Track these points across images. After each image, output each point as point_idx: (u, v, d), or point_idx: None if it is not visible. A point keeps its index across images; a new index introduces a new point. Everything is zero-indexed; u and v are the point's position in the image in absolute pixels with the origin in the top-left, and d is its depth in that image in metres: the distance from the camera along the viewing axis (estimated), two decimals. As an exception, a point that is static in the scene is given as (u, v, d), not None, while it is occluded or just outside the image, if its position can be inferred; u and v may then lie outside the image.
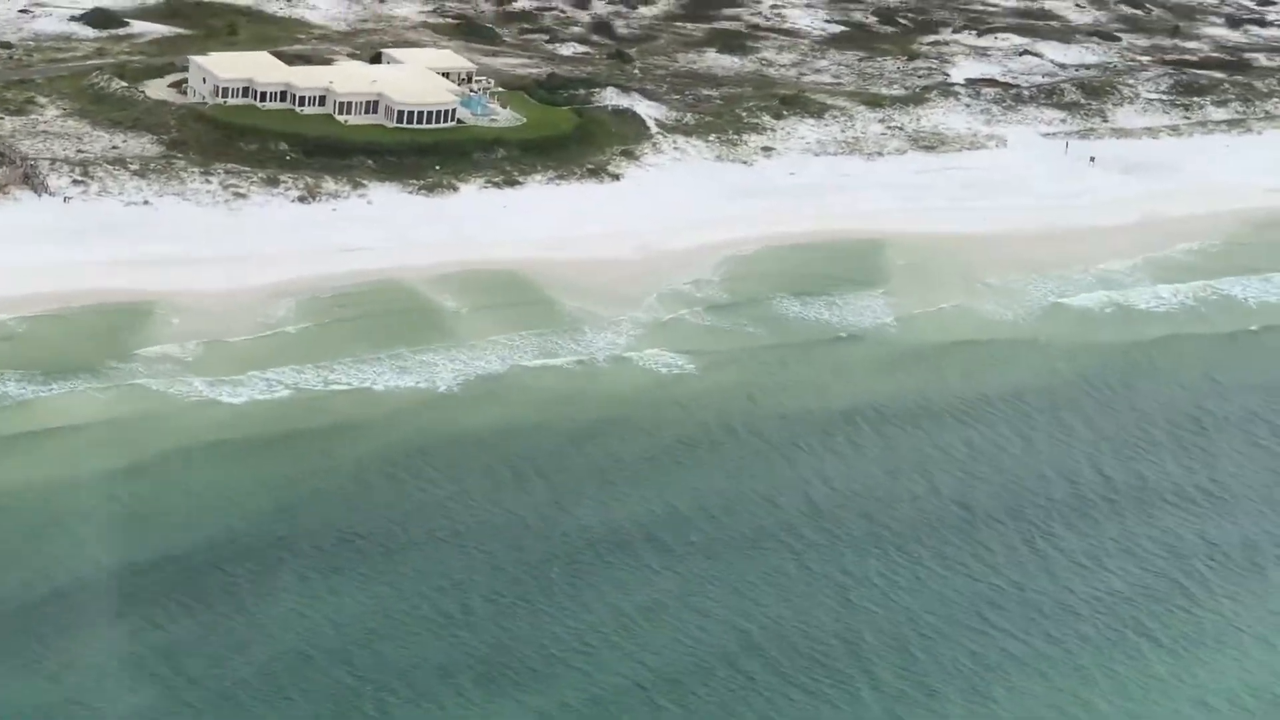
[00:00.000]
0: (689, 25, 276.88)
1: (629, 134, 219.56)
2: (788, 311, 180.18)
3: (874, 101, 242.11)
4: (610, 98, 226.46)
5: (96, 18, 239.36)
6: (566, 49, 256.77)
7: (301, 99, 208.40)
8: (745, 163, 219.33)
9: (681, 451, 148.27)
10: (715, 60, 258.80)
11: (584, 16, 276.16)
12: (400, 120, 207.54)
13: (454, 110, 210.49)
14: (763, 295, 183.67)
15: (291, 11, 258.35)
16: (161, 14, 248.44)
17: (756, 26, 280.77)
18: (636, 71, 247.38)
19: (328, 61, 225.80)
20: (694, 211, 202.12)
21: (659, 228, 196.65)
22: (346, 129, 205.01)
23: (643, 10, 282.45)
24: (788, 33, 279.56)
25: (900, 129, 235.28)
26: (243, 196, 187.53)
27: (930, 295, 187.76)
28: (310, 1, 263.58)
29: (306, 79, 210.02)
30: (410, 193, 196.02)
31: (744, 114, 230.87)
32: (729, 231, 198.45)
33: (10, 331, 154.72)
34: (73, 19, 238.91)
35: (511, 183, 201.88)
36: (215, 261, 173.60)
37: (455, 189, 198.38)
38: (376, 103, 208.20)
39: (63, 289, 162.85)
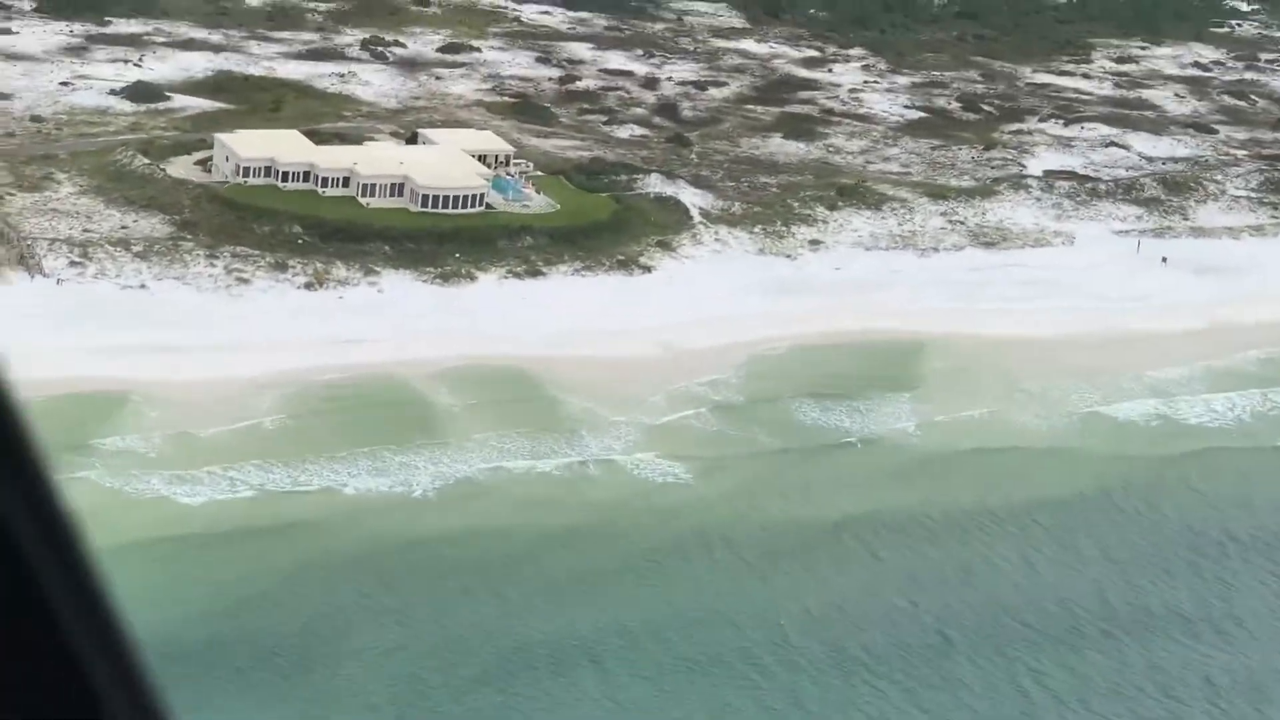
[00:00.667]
0: (759, 109, 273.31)
1: (669, 223, 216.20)
2: (803, 416, 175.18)
3: (938, 193, 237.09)
4: (654, 184, 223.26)
5: (136, 91, 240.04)
6: (624, 131, 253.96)
7: (324, 180, 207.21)
8: (789, 256, 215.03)
9: (648, 564, 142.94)
10: (779, 146, 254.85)
11: (650, 98, 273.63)
12: (424, 204, 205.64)
13: (483, 195, 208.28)
14: (781, 397, 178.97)
15: (343, 87, 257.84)
16: (207, 89, 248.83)
17: (830, 111, 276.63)
18: (693, 157, 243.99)
19: (362, 140, 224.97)
20: (726, 307, 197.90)
21: (685, 324, 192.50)
22: (367, 212, 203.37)
23: (713, 92, 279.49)
24: (862, 118, 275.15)
25: (962, 223, 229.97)
26: (246, 282, 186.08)
27: (962, 401, 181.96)
28: (364, 77, 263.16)
29: (330, 159, 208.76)
30: (425, 281, 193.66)
31: (796, 204, 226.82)
32: (760, 329, 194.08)
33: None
34: (112, 93, 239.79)
35: (534, 273, 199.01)
36: (203, 350, 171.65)
37: (473, 278, 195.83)
38: (402, 185, 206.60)
39: (33, 376, 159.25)
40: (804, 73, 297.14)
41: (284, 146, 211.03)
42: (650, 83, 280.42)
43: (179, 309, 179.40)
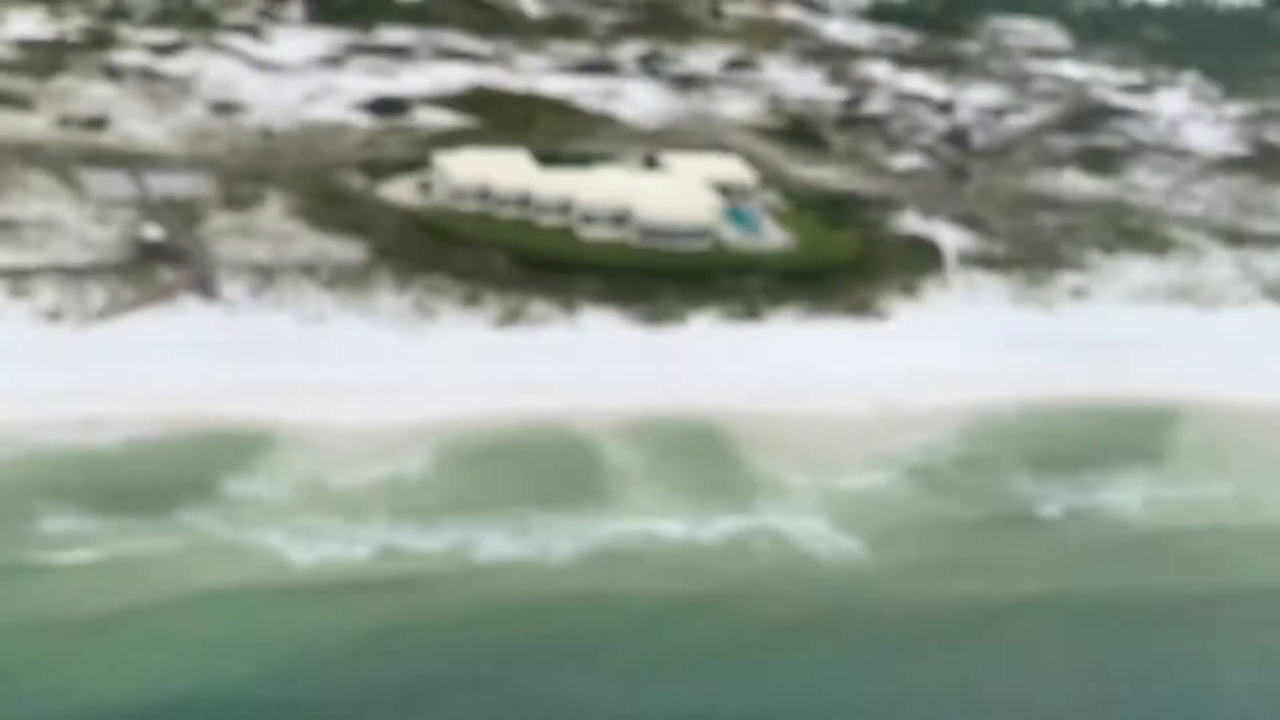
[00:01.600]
0: (1061, 138, 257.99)
1: (919, 265, 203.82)
2: (1012, 485, 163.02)
3: (1236, 239, 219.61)
4: (909, 222, 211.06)
5: (380, 106, 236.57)
6: (902, 161, 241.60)
7: (541, 207, 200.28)
8: (1046, 306, 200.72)
9: (772, 646, 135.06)
10: (1072, 182, 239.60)
11: (940, 125, 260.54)
12: (646, 237, 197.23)
13: (711, 229, 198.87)
14: (993, 464, 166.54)
15: (605, 105, 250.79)
16: (457, 104, 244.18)
17: (1141, 144, 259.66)
18: (970, 192, 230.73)
19: (603, 162, 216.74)
20: (960, 361, 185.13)
21: (910, 378, 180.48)
22: (581, 244, 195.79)
23: (1012, 120, 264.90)
24: (1176, 152, 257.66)
25: (1257, 275, 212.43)
26: (432, 316, 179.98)
27: (1205, 476, 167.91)
28: (631, 95, 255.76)
29: (548, 186, 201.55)
30: (630, 321, 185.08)
31: (1069, 247, 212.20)
32: (994, 387, 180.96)
33: (93, 457, 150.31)
34: (355, 106, 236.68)
35: (753, 316, 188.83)
36: (368, 390, 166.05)
37: (684, 320, 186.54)
38: (624, 216, 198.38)
39: (179, 412, 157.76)
40: (1122, 99, 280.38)
41: (504, 170, 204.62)
42: (945, 108, 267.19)
43: (354, 344, 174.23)
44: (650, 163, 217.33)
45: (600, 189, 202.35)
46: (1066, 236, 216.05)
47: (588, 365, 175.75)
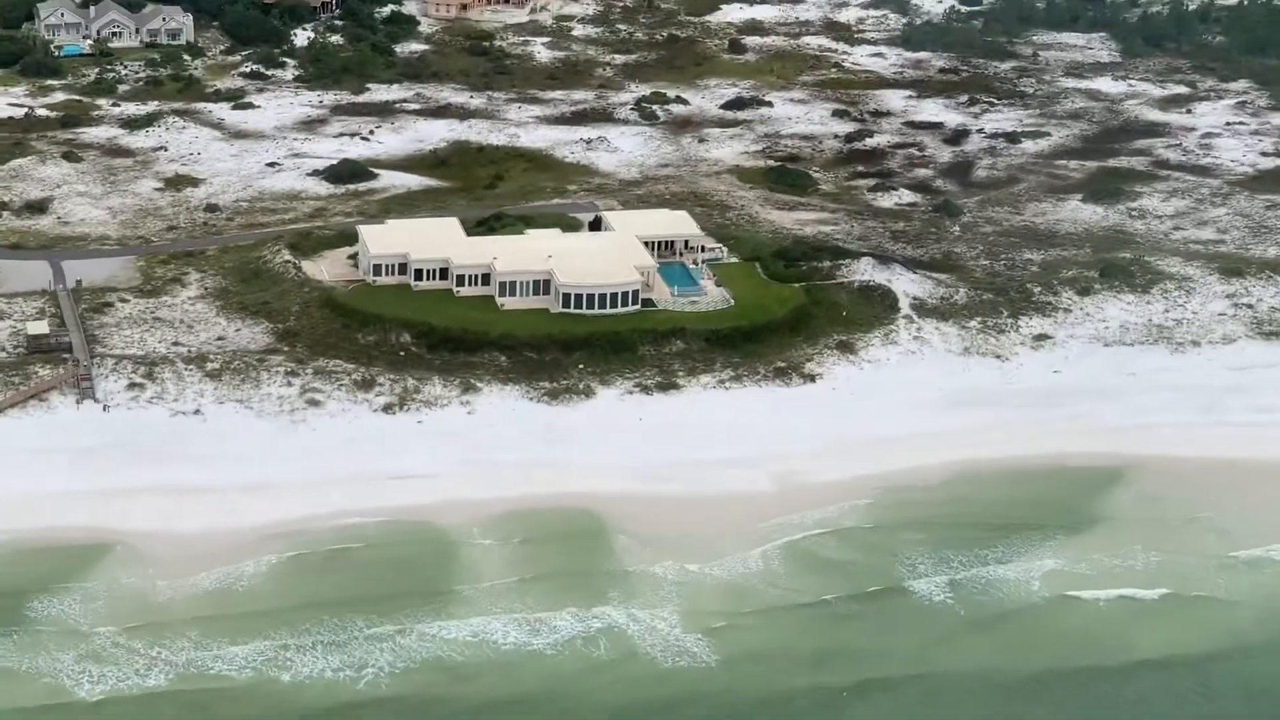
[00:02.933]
0: (1073, 164, 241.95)
1: (867, 318, 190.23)
2: (905, 565, 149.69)
3: (1234, 269, 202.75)
4: (863, 271, 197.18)
5: (339, 172, 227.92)
6: (890, 199, 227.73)
7: (460, 278, 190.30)
8: (999, 357, 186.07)
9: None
10: (1072, 211, 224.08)
11: (945, 155, 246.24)
12: (567, 303, 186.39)
13: (637, 292, 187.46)
14: (890, 543, 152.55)
15: (585, 156, 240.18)
16: (426, 164, 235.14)
17: (1164, 163, 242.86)
18: (954, 229, 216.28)
19: (564, 223, 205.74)
20: (886, 426, 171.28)
21: (822, 449, 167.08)
22: (495, 315, 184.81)
23: (1026, 145, 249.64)
24: (1200, 170, 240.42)
25: (1249, 307, 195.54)
26: (317, 405, 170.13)
27: (1126, 543, 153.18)
28: (616, 142, 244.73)
29: (467, 255, 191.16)
30: (531, 399, 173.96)
31: (1040, 289, 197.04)
32: (915, 455, 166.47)
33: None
34: (313, 173, 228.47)
35: (667, 386, 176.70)
36: (224, 491, 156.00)
37: (591, 394, 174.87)
38: (547, 282, 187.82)
39: (17, 525, 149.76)
40: (1155, 115, 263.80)
41: (427, 240, 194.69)
42: (956, 137, 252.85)
43: (224, 440, 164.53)
44: (595, 224, 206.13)
45: (520, 256, 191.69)
46: (1046, 275, 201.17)
47: (471, 451, 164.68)
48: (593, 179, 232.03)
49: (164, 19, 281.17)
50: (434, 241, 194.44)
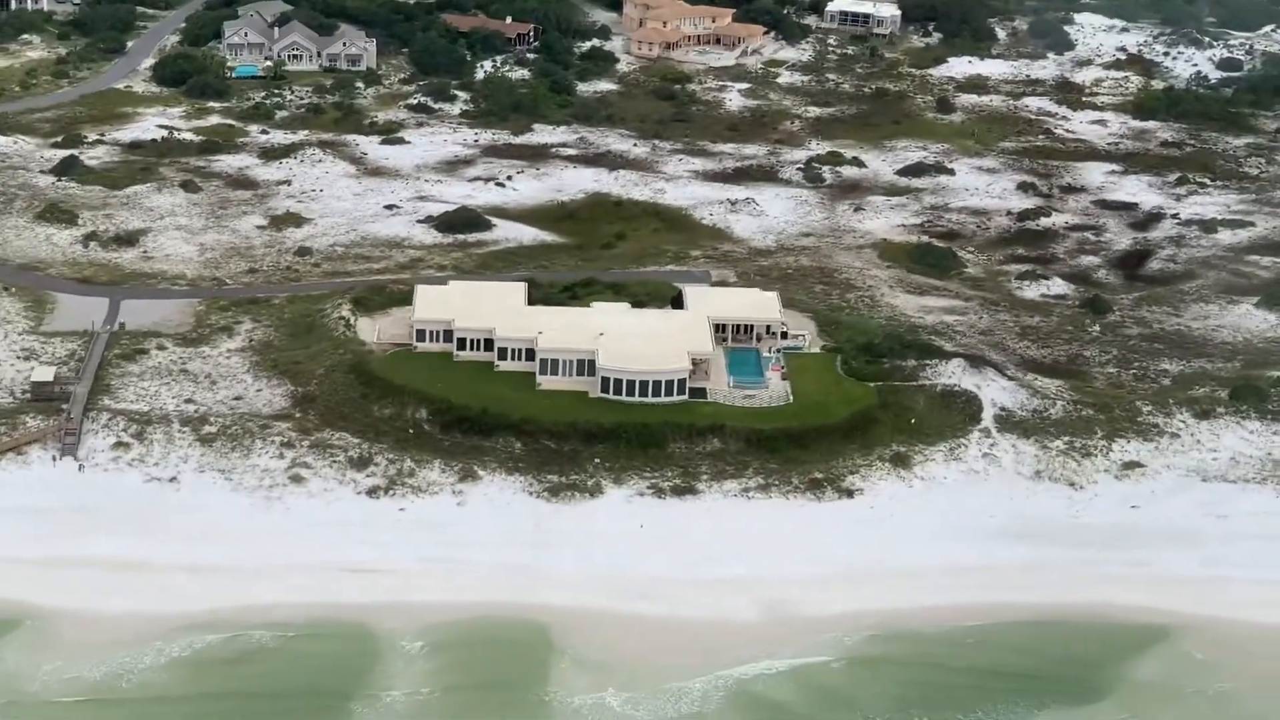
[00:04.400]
0: (1270, 260, 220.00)
1: (939, 427, 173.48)
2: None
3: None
4: (950, 373, 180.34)
5: (453, 220, 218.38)
6: (1037, 289, 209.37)
7: (504, 351, 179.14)
8: (1074, 484, 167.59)
9: None
10: (1239, 317, 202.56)
11: (1123, 241, 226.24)
12: (606, 389, 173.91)
13: (683, 381, 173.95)
14: (860, 702, 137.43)
15: (725, 218, 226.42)
16: (550, 217, 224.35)
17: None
18: (1095, 329, 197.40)
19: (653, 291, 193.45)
20: (911, 556, 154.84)
21: (830, 577, 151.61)
22: (530, 396, 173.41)
23: (1222, 235, 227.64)
24: None
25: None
26: (300, 482, 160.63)
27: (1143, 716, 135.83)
28: (764, 205, 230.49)
29: (514, 326, 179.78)
30: (532, 494, 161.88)
31: (1151, 407, 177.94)
32: (936, 593, 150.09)
33: None
34: (425, 220, 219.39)
35: (684, 491, 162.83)
36: (167, 571, 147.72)
37: (598, 493, 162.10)
38: (593, 363, 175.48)
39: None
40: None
41: (481, 305, 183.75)
42: (1146, 221, 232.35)
43: (190, 513, 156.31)
44: (677, 300, 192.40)
45: (572, 332, 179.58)
46: (1171, 391, 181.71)
47: (443, 548, 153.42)
48: (721, 245, 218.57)
49: (345, 44, 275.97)
50: (487, 308, 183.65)
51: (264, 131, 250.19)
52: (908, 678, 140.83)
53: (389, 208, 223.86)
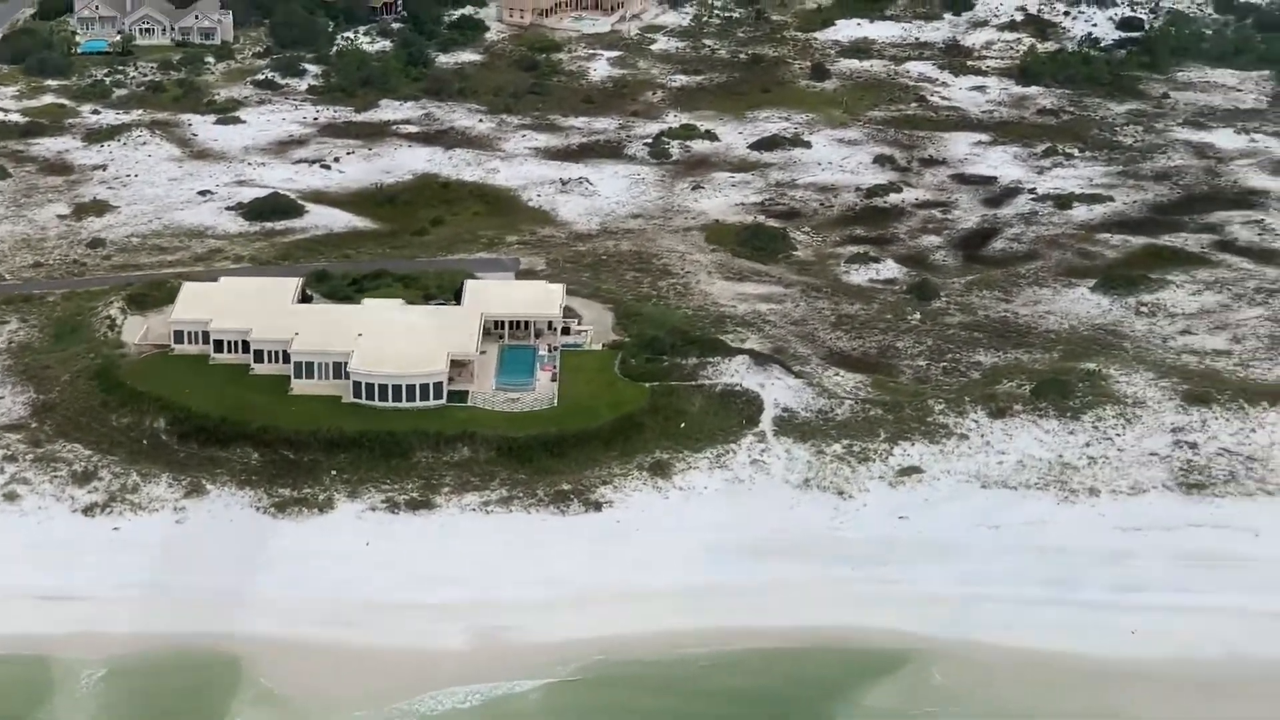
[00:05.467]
0: (1120, 238, 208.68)
1: (714, 431, 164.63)
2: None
3: (1202, 395, 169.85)
4: (732, 372, 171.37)
5: (259, 208, 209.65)
6: (865, 274, 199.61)
7: (260, 354, 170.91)
8: (843, 494, 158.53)
9: None
10: (1072, 302, 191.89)
11: (971, 220, 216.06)
12: (358, 393, 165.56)
13: (440, 384, 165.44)
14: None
15: (553, 200, 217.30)
16: (369, 202, 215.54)
17: (1229, 244, 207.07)
18: (915, 317, 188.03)
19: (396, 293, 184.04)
20: (652, 576, 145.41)
21: (558, 600, 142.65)
22: (277, 402, 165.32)
23: (1077, 211, 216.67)
24: (1267, 256, 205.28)
25: (1192, 447, 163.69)
26: (13, 500, 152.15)
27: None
28: (595, 185, 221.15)
29: (269, 328, 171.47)
30: (259, 510, 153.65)
31: (943, 406, 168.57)
32: (672, 617, 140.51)
33: None
34: (235, 207, 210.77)
35: (419, 505, 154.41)
36: None
37: (329, 508, 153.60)
38: (344, 367, 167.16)
39: None
40: (1261, 180, 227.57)
41: (245, 304, 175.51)
42: (1001, 197, 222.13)
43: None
44: (458, 294, 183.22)
45: (332, 332, 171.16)
46: (973, 389, 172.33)
47: (151, 572, 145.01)
48: (543, 229, 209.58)
49: (197, 16, 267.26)
50: (248, 307, 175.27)
51: (95, 112, 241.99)
52: (622, 707, 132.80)
53: (202, 194, 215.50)
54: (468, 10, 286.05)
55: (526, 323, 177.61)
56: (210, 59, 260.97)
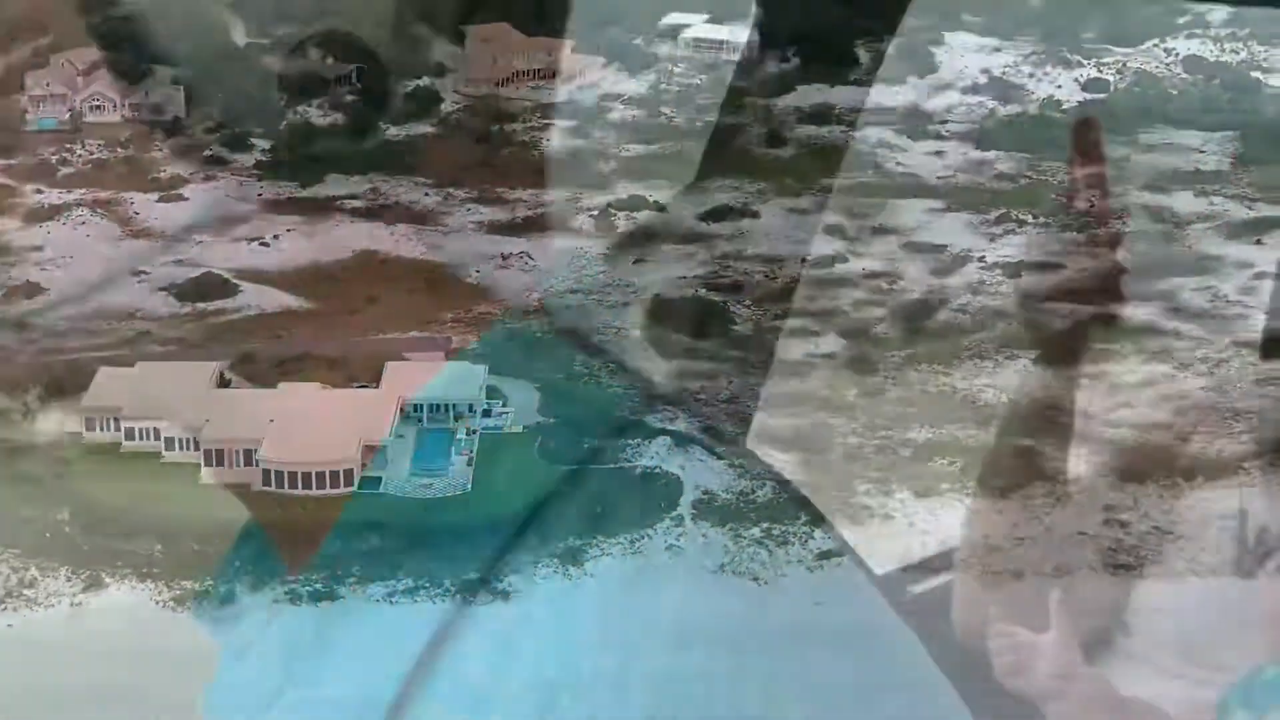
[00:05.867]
0: (1070, 307, 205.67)
1: (631, 515, 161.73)
2: None
3: (1136, 472, 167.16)
4: (652, 453, 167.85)
5: (193, 288, 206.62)
6: (803, 348, 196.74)
7: (170, 441, 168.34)
8: (758, 579, 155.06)
9: None
10: (1013, 375, 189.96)
11: (921, 289, 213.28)
12: (268, 482, 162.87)
13: (350, 471, 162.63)
14: None
15: (493, 275, 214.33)
16: (307, 280, 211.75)
17: (1182, 310, 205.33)
18: (851, 394, 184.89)
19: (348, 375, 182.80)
20: (565, 667, 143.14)
21: (461, 694, 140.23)
22: (183, 492, 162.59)
23: (1027, 280, 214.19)
24: (1221, 323, 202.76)
25: (1123, 525, 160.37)
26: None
27: None
28: (536, 260, 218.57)
29: (179, 414, 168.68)
30: (158, 603, 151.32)
31: (867, 486, 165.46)
32: (584, 709, 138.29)
33: None
34: (169, 287, 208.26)
35: (322, 597, 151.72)
36: None
37: (231, 601, 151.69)
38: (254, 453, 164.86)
39: None
40: (1216, 246, 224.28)
41: (157, 391, 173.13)
42: (951, 266, 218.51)
43: None
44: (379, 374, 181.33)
45: (239, 420, 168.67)
46: (901, 467, 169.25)
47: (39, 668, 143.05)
48: (479, 305, 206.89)
49: (146, 93, 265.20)
50: (162, 393, 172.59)
51: (38, 191, 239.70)
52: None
53: (136, 274, 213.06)
54: (424, 81, 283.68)
55: (446, 405, 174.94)
56: (159, 135, 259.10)
